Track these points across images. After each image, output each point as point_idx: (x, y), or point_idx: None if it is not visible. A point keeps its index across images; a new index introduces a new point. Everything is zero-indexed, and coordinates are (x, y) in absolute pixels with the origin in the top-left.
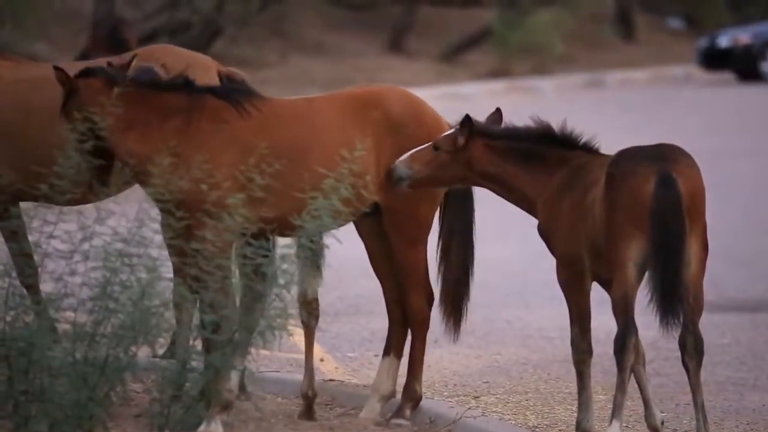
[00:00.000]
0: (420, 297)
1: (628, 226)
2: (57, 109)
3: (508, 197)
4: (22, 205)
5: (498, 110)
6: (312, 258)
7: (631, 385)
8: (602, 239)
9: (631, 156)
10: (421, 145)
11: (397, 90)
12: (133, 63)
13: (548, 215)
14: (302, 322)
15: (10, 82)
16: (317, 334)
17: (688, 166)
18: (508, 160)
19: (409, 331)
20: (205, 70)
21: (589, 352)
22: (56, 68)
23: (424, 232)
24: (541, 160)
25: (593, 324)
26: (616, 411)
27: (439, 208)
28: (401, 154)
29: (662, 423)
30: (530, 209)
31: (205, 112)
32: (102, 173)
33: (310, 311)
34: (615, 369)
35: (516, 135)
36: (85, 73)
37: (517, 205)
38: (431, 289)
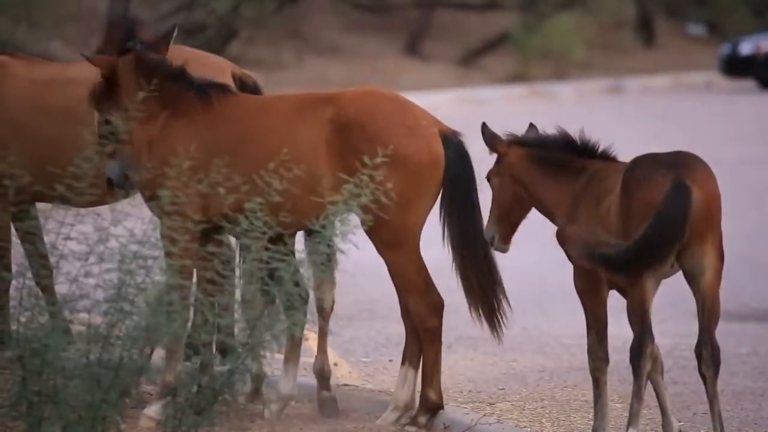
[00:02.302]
0: (418, 303)
1: None
2: (73, 109)
3: (537, 207)
4: (40, 206)
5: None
6: (326, 262)
7: (649, 394)
8: None
9: (647, 163)
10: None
11: (371, 91)
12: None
13: (565, 222)
14: (319, 324)
15: (25, 83)
16: (330, 338)
17: (704, 175)
18: (537, 168)
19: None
20: (220, 71)
21: (606, 360)
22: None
23: (403, 237)
24: (563, 168)
25: (610, 332)
26: (633, 419)
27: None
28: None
29: None
30: (552, 218)
31: (179, 108)
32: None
33: (324, 315)
34: (632, 377)
35: (545, 143)
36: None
37: (543, 214)
38: (435, 296)
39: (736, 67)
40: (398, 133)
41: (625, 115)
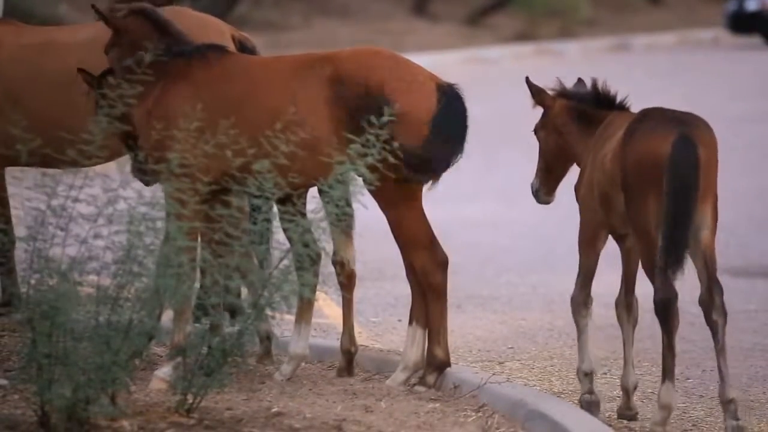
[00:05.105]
0: (423, 259)
1: (646, 186)
2: (66, 71)
3: (574, 160)
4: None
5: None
6: (343, 221)
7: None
8: (612, 192)
9: (653, 116)
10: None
11: (368, 49)
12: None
13: (580, 172)
14: (340, 284)
15: (16, 48)
16: (340, 299)
17: (708, 136)
18: (574, 120)
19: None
20: (219, 34)
21: (585, 304)
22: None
23: (405, 193)
24: (590, 120)
25: (602, 289)
26: (668, 374)
27: None
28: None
29: (635, 387)
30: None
31: (176, 72)
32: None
33: (345, 277)
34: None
35: (581, 95)
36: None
37: (578, 166)
38: (439, 252)
39: (742, 23)
40: (397, 88)
41: (632, 72)
